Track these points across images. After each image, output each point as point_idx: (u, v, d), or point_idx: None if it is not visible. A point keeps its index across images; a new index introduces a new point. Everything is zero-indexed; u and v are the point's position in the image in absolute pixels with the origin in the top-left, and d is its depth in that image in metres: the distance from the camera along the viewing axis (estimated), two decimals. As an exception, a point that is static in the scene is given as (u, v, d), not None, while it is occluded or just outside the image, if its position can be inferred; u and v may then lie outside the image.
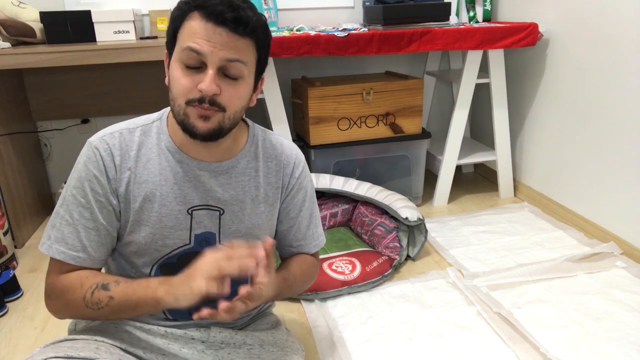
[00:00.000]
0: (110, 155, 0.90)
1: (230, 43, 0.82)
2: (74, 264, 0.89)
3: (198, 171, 0.92)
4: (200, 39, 0.81)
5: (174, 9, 0.86)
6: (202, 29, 0.81)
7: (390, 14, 2.01)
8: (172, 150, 0.92)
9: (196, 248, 0.95)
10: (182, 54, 0.82)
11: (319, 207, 1.99)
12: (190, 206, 0.93)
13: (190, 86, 0.82)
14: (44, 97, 2.20)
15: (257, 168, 0.98)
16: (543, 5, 2.11)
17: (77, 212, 0.89)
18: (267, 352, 1.04)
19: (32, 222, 2.13)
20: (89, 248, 0.90)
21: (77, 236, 0.89)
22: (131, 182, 0.90)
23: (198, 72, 0.82)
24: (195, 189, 0.93)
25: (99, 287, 0.86)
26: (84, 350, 0.85)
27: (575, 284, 1.63)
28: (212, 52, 0.81)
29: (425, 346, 1.36)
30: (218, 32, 0.81)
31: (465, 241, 1.95)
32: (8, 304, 1.61)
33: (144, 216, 0.91)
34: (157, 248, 0.93)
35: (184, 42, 0.82)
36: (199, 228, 0.94)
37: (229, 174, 0.95)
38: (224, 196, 0.94)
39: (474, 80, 2.18)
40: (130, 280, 0.88)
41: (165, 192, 0.91)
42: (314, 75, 2.50)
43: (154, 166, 0.91)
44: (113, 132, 0.92)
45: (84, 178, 0.89)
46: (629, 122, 1.75)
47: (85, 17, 1.91)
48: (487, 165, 2.64)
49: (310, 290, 1.58)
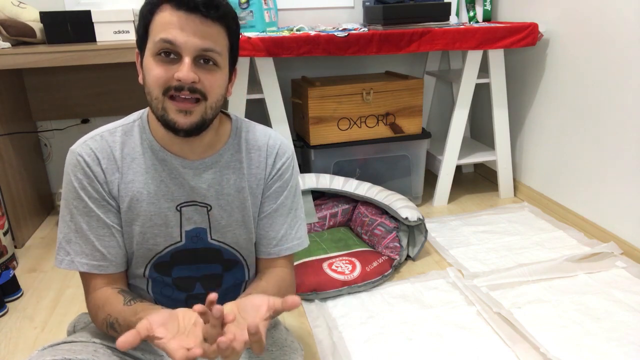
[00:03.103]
0: (95, 159, 0.89)
1: (204, 31, 0.81)
2: (99, 273, 0.90)
3: (182, 169, 0.91)
4: (174, 29, 0.80)
5: (143, 5, 0.84)
6: (175, 19, 0.80)
7: (390, 14, 2.01)
8: (155, 149, 0.91)
9: (188, 245, 0.94)
10: (156, 46, 0.81)
11: (318, 207, 2.00)
12: (178, 203, 0.92)
13: (166, 76, 0.81)
14: (44, 97, 2.20)
15: (241, 160, 0.97)
16: (543, 5, 2.11)
17: (85, 222, 0.89)
18: (267, 352, 1.03)
19: (32, 222, 2.13)
20: (108, 255, 0.90)
21: (93, 246, 0.89)
22: (120, 182, 0.90)
23: (173, 63, 0.82)
24: (180, 186, 0.92)
25: (109, 326, 0.87)
26: (81, 353, 0.85)
27: (575, 284, 1.63)
28: (187, 41, 0.80)
29: (425, 346, 1.36)
30: (191, 20, 0.80)
31: (465, 241, 1.95)
32: (8, 304, 1.61)
33: (133, 216, 0.91)
34: (148, 247, 0.93)
35: (156, 34, 0.81)
36: (188, 224, 0.94)
37: (213, 169, 0.94)
38: (209, 192, 0.93)
39: (474, 80, 2.18)
40: (128, 320, 0.84)
41: (153, 190, 0.91)
42: (314, 75, 2.50)
43: (139, 165, 0.91)
44: (94, 136, 0.91)
45: (78, 188, 0.88)
46: (629, 122, 1.75)
47: (85, 17, 1.91)
48: (487, 165, 2.64)
49: (310, 290, 1.58)
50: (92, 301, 0.91)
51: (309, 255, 1.72)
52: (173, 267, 0.96)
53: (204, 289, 0.99)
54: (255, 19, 2.04)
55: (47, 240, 2.07)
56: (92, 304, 0.91)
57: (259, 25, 2.05)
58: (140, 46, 0.86)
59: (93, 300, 0.91)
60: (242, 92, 1.98)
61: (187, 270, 0.97)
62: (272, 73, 1.98)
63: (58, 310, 1.58)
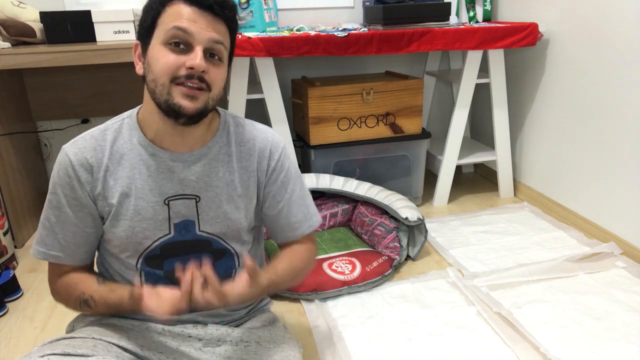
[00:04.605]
0: (82, 159, 0.92)
1: (215, 26, 0.86)
2: (55, 262, 0.96)
3: (171, 162, 0.94)
4: (186, 20, 0.84)
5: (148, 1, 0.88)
6: (188, 13, 0.84)
7: (390, 14, 2.01)
8: (144, 144, 0.94)
9: (177, 237, 0.96)
10: (167, 34, 0.84)
11: (318, 207, 2.00)
12: (166, 197, 0.94)
13: (177, 64, 0.84)
14: (44, 97, 2.20)
15: (230, 153, 0.99)
16: (543, 5, 2.11)
17: (54, 216, 0.94)
18: (264, 349, 1.04)
19: (32, 222, 2.13)
20: (67, 248, 0.95)
21: (55, 237, 0.94)
22: (108, 179, 0.93)
23: (183, 53, 0.85)
24: (169, 180, 0.94)
25: (82, 303, 0.94)
26: (81, 348, 0.86)
27: (575, 284, 1.63)
28: (200, 32, 0.84)
29: (425, 346, 1.36)
30: (203, 15, 0.85)
31: (465, 241, 1.95)
32: (8, 304, 1.61)
33: (122, 211, 0.93)
34: (138, 241, 0.95)
35: (168, 24, 0.84)
36: (177, 217, 0.96)
37: (202, 162, 0.96)
38: (198, 184, 0.96)
39: (474, 80, 2.18)
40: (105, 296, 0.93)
41: (140, 185, 0.93)
42: (314, 75, 2.50)
43: (128, 161, 0.93)
44: (84, 136, 0.95)
45: (57, 184, 0.93)
46: (629, 122, 1.75)
47: (85, 17, 1.91)
48: (487, 165, 2.64)
49: (310, 290, 1.58)
50: (61, 284, 0.96)
51: (309, 255, 1.72)
52: (164, 260, 0.98)
53: None
54: (255, 19, 2.04)
55: (47, 240, 2.07)
56: (61, 286, 0.96)
57: (259, 25, 2.05)
58: (145, 37, 0.88)
59: (62, 282, 0.96)
60: (242, 92, 1.98)
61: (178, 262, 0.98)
62: (272, 73, 1.98)
63: (58, 310, 1.58)
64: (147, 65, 0.88)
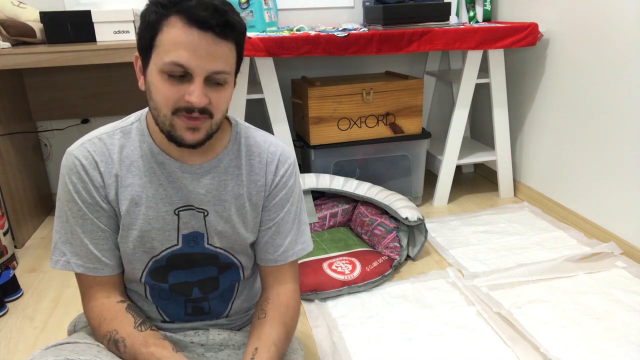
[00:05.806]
0: (93, 163, 0.88)
1: (216, 51, 0.79)
2: (94, 275, 0.91)
3: (180, 173, 0.91)
4: (185, 51, 0.77)
5: (148, 12, 0.80)
6: (186, 38, 0.77)
7: (390, 14, 2.01)
8: (154, 152, 0.90)
9: (185, 249, 0.94)
10: (165, 67, 0.79)
11: (318, 207, 2.00)
12: (176, 207, 0.92)
13: (176, 96, 0.80)
14: (44, 97, 2.20)
15: (240, 166, 0.96)
16: (543, 5, 2.11)
17: (79, 225, 0.89)
18: None
19: (32, 222, 2.13)
20: (102, 258, 0.91)
21: (88, 249, 0.90)
22: (118, 186, 0.89)
23: (182, 82, 0.80)
24: (179, 190, 0.91)
25: (111, 341, 0.89)
26: (84, 354, 0.84)
27: (575, 284, 1.63)
28: (198, 65, 0.78)
29: (425, 346, 1.36)
30: (203, 39, 0.78)
31: (465, 241, 1.95)
32: (8, 304, 1.61)
33: (131, 219, 0.90)
34: (145, 250, 0.92)
35: (165, 53, 0.78)
36: (186, 228, 0.93)
37: (211, 175, 0.93)
38: (206, 197, 0.93)
39: (474, 80, 2.18)
40: (138, 351, 0.87)
41: (152, 194, 0.90)
42: (314, 75, 2.50)
43: (138, 168, 0.90)
44: (92, 139, 0.90)
45: (72, 191, 0.88)
46: (629, 122, 1.75)
47: (85, 17, 1.91)
48: (487, 165, 2.64)
49: (310, 290, 1.58)
50: (94, 310, 0.92)
51: (309, 255, 1.72)
52: (169, 273, 0.96)
53: (201, 292, 0.99)
54: (255, 19, 2.04)
55: (47, 240, 2.07)
56: (94, 313, 0.92)
57: (259, 25, 2.05)
58: (144, 53, 0.83)
59: (96, 309, 0.92)
60: (242, 92, 1.98)
61: (182, 275, 0.97)
62: (272, 73, 1.98)
63: (58, 310, 1.58)
64: (147, 87, 0.84)
